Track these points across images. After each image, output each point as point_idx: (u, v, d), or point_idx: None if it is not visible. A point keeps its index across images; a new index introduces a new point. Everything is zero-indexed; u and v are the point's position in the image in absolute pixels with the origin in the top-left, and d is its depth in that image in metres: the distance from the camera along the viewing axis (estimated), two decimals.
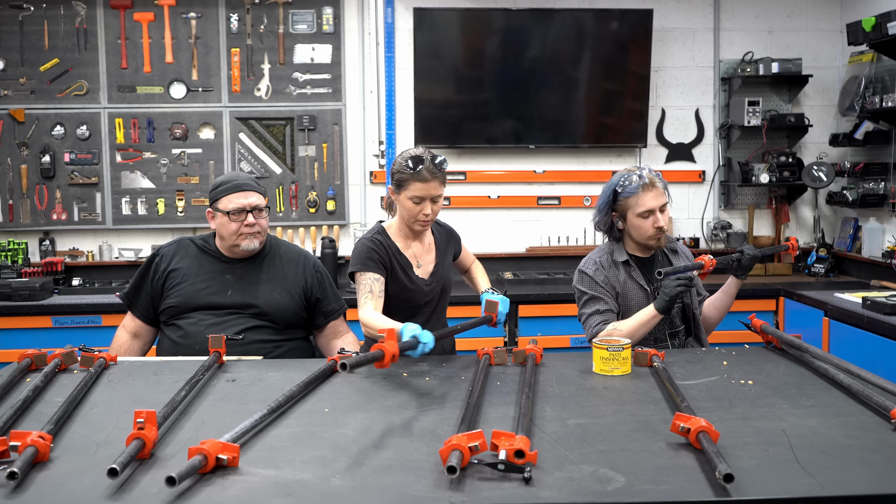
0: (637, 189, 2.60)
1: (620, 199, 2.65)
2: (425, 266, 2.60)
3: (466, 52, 4.64)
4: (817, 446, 1.58)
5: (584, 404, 1.89)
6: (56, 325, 3.95)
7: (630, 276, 2.67)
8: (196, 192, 4.53)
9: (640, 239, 2.65)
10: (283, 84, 4.54)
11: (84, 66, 4.44)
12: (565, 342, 4.12)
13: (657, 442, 1.61)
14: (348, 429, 1.72)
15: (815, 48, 4.81)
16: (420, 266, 2.58)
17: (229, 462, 1.47)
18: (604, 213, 2.71)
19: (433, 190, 2.43)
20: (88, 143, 4.48)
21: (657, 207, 2.59)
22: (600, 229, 2.77)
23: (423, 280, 2.57)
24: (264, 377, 2.17)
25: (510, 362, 2.29)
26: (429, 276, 2.59)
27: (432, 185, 2.42)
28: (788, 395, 1.93)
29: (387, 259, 2.49)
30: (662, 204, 2.61)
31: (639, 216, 2.61)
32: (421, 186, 2.41)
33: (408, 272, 2.54)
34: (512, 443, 1.45)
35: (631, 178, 2.62)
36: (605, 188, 2.72)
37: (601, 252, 2.75)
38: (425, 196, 2.42)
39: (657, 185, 2.61)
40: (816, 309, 3.83)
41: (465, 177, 4.68)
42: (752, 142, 4.78)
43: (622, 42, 4.60)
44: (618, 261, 2.68)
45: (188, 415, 1.83)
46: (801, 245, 4.81)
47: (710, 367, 2.21)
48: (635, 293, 2.65)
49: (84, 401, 1.94)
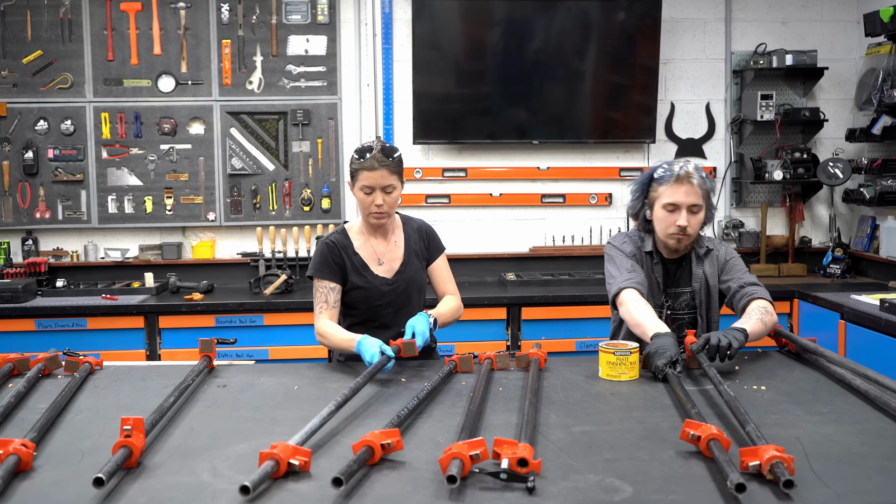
0: (670, 178, 2.50)
1: (653, 185, 2.56)
2: (389, 264, 2.59)
3: (467, 44, 4.64)
4: (833, 455, 1.58)
5: (590, 411, 1.89)
6: (39, 328, 3.96)
7: (651, 269, 2.61)
8: (185, 190, 4.53)
9: (661, 234, 2.56)
10: (276, 77, 4.54)
11: (68, 58, 4.44)
12: (570, 346, 4.12)
13: (666, 450, 1.61)
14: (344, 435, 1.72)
15: (830, 39, 4.81)
16: (382, 264, 2.58)
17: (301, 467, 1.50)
18: (636, 197, 2.63)
19: (382, 179, 2.44)
20: (73, 138, 4.48)
21: (685, 205, 2.48)
22: (630, 215, 2.70)
23: (382, 279, 2.56)
24: (256, 382, 2.18)
25: (513, 367, 2.29)
26: (393, 274, 2.57)
27: (380, 174, 2.43)
28: (803, 402, 1.94)
29: (340, 260, 2.52)
30: (693, 203, 2.49)
31: (663, 208, 2.51)
32: (369, 175, 2.44)
33: (362, 271, 2.54)
34: (515, 451, 1.46)
35: (671, 167, 2.53)
36: (646, 171, 2.64)
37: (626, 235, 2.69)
38: (374, 185, 2.45)
39: (692, 181, 2.49)
40: (832, 311, 3.82)
41: (466, 174, 4.68)
42: (765, 137, 4.78)
43: (630, 33, 4.60)
44: (644, 249, 2.62)
45: (177, 422, 1.83)
46: (817, 244, 4.82)
47: (722, 372, 2.21)
48: (653, 288, 2.61)
49: (69, 407, 1.94)
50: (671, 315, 2.61)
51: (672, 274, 2.63)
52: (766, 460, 1.42)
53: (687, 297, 2.63)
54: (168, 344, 4.01)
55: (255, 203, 4.56)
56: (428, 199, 4.68)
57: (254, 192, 4.56)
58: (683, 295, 2.63)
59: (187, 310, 4.01)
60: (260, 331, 4.04)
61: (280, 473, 1.47)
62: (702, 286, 2.61)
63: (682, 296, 2.63)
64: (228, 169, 4.53)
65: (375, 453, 1.52)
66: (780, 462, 1.41)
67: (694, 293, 2.63)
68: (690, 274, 2.63)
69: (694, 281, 2.62)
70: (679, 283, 2.64)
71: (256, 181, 4.56)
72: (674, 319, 2.62)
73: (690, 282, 2.63)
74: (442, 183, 4.69)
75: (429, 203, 4.69)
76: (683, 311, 2.64)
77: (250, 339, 4.01)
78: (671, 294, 2.62)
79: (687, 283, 2.63)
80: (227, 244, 4.67)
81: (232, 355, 3.85)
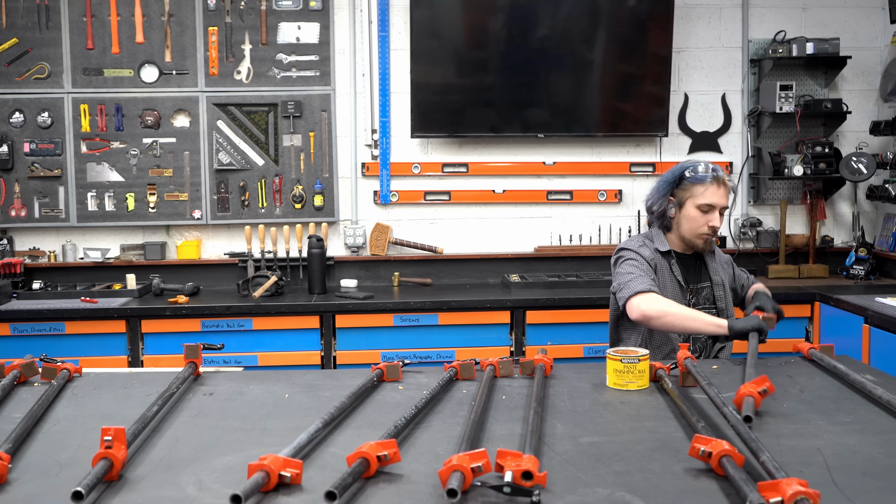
0: (707, 178, 2.67)
1: (685, 184, 2.70)
2: None
3: (469, 31, 4.64)
4: (857, 467, 1.58)
5: (599, 420, 1.89)
6: (14, 332, 3.96)
7: (669, 268, 2.72)
8: (170, 186, 4.53)
9: (689, 233, 2.70)
10: (265, 66, 4.54)
11: (45, 46, 4.44)
12: (578, 352, 4.12)
13: (679, 463, 1.61)
14: (337, 447, 1.72)
15: (854, 27, 4.81)
16: None
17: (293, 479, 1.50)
18: (662, 194, 2.75)
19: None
20: (50, 131, 4.48)
21: (719, 206, 2.67)
22: (651, 212, 2.81)
23: None
24: (244, 391, 2.18)
25: (517, 374, 2.30)
26: None
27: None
28: (825, 411, 1.93)
29: None
30: (724, 206, 2.69)
31: (698, 207, 2.66)
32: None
33: None
34: (519, 463, 1.45)
35: (707, 167, 2.70)
36: (672, 169, 2.77)
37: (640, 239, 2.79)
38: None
39: (727, 184, 2.70)
40: (856, 315, 3.82)
41: (468, 169, 4.68)
42: (784, 130, 4.78)
43: (641, 20, 4.60)
44: (660, 249, 2.72)
45: (161, 432, 1.83)
46: (839, 244, 4.82)
47: (738, 380, 2.21)
48: (672, 287, 2.69)
49: (46, 416, 1.94)
50: None
51: (690, 270, 2.78)
52: (790, 497, 1.33)
53: (707, 291, 2.79)
54: (151, 350, 4.01)
55: (244, 200, 4.56)
56: (427, 196, 4.68)
57: (242, 188, 4.56)
58: (704, 290, 2.78)
59: (171, 313, 4.01)
60: (248, 336, 4.04)
61: (270, 486, 1.47)
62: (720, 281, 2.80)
63: (702, 291, 2.78)
64: (215, 164, 4.53)
65: (371, 465, 1.52)
66: (805, 499, 1.32)
67: (713, 287, 2.79)
68: (707, 269, 2.80)
69: (714, 274, 2.79)
70: (699, 278, 2.79)
71: (245, 177, 4.56)
72: None
73: (709, 277, 2.79)
74: (441, 179, 4.69)
75: (428, 200, 4.69)
76: (705, 306, 2.78)
77: (238, 345, 4.01)
78: (693, 290, 2.75)
79: (705, 278, 2.79)
80: (213, 244, 4.67)
81: (219, 362, 3.85)
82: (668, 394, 2.05)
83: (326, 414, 1.83)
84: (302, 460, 1.55)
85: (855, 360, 2.52)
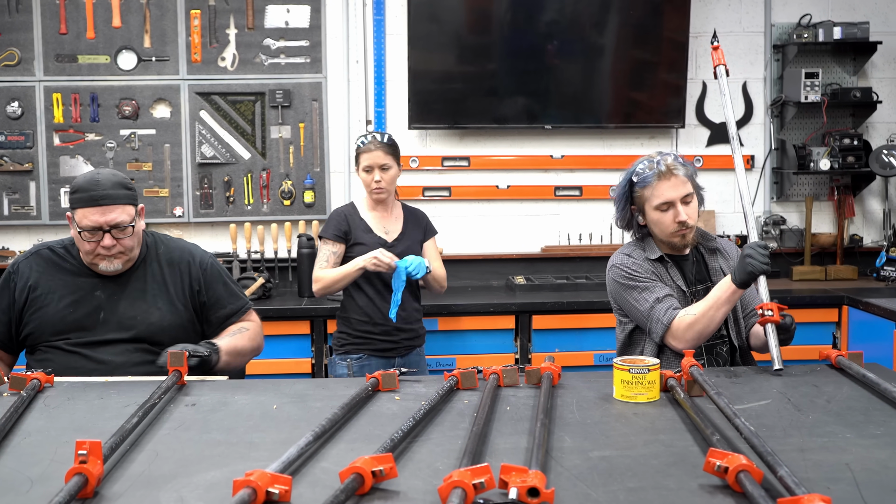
0: (652, 178, 2.63)
1: (637, 191, 2.69)
2: (392, 232, 3.45)
3: (470, 15, 4.64)
4: (887, 483, 1.58)
5: (610, 433, 1.89)
6: None
7: (667, 273, 2.72)
8: (149, 182, 4.53)
9: (662, 236, 2.70)
10: (252, 53, 4.55)
11: (15, 31, 4.45)
12: (587, 359, 4.12)
13: (696, 478, 1.61)
14: (329, 462, 1.72)
15: (884, 10, 4.81)
16: (388, 233, 3.44)
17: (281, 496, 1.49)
18: (621, 207, 2.77)
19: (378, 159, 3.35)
20: (21, 122, 4.48)
21: (677, 199, 2.62)
22: (620, 226, 2.83)
23: (382, 240, 3.39)
24: (230, 401, 2.18)
25: (522, 383, 2.29)
26: (392, 239, 3.42)
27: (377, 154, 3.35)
28: (853, 423, 1.93)
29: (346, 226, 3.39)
30: (685, 195, 2.64)
31: (656, 209, 2.65)
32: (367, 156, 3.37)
33: (365, 232, 3.39)
34: (524, 479, 1.46)
35: (650, 163, 2.67)
36: (621, 179, 2.77)
37: (630, 248, 2.80)
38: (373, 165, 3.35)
39: (677, 173, 2.64)
40: (887, 320, 3.83)
41: (469, 163, 4.69)
42: (810, 121, 4.78)
43: (655, 3, 4.61)
44: (651, 258, 2.72)
45: (140, 446, 1.83)
46: (869, 244, 4.82)
47: (760, 389, 2.21)
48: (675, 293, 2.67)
49: (15, 429, 1.94)
50: None
51: (689, 272, 2.76)
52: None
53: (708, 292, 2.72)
54: None
55: (229, 196, 4.57)
56: (425, 192, 4.69)
57: (227, 183, 4.56)
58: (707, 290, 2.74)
59: None
60: None
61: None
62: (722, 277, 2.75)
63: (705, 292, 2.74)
64: (198, 157, 4.53)
65: (365, 482, 1.52)
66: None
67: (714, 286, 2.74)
68: (706, 269, 2.78)
69: (714, 275, 2.75)
70: (699, 278, 2.77)
71: (230, 171, 4.56)
72: None
73: (709, 276, 2.76)
74: (441, 173, 4.70)
75: (426, 196, 4.69)
76: None
77: None
78: (695, 292, 2.74)
79: (704, 278, 2.77)
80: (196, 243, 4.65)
81: None
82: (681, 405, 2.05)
83: (317, 426, 1.83)
84: (291, 476, 1.55)
85: (886, 368, 2.52)
